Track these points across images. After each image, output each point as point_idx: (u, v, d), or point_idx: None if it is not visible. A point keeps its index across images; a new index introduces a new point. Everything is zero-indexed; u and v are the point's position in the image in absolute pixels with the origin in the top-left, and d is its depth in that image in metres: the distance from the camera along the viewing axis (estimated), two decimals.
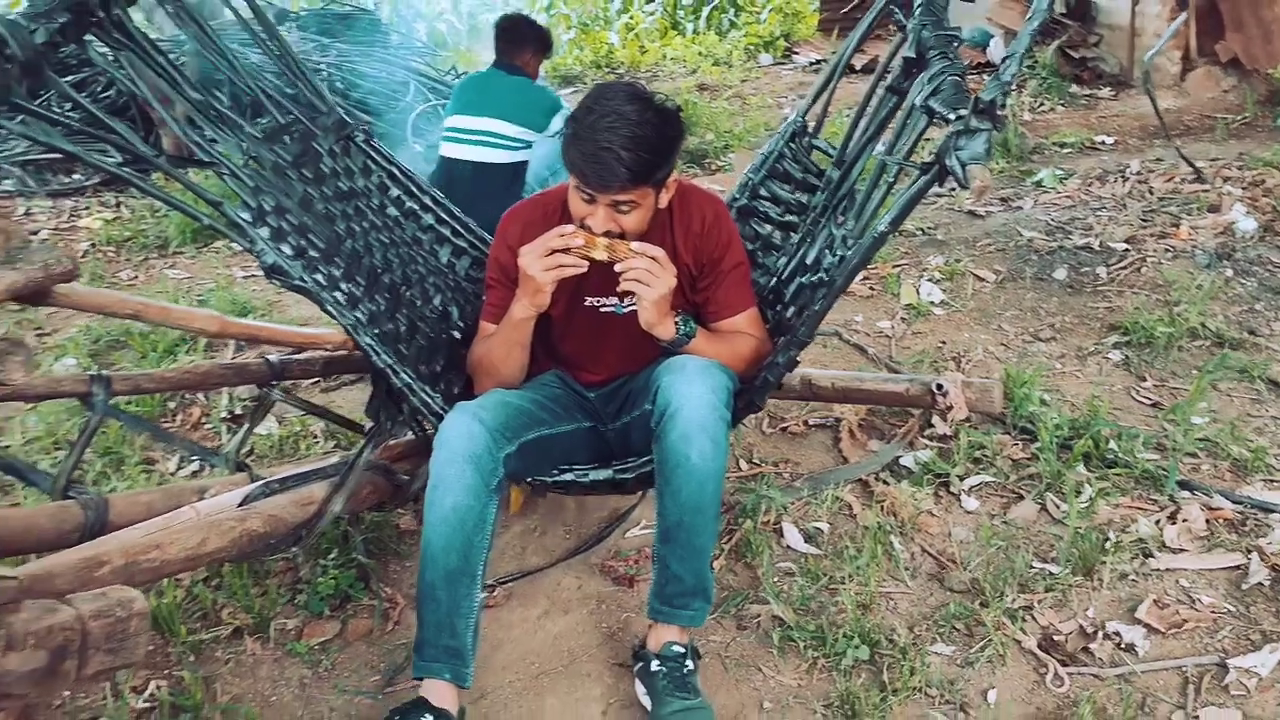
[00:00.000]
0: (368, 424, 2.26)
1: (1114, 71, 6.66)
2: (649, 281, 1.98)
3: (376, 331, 2.12)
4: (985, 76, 7.31)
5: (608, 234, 1.99)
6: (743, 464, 2.91)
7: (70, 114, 5.16)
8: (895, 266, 4.19)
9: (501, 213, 2.30)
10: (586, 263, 1.98)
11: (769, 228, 2.61)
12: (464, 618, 1.93)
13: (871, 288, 4.06)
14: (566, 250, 1.98)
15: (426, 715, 1.86)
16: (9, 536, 1.87)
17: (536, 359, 2.24)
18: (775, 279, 2.48)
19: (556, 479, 2.16)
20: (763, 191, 2.62)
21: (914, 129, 2.06)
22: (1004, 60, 1.80)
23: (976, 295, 3.88)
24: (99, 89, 6.36)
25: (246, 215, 2.02)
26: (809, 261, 2.37)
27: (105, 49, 2.10)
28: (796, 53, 9.00)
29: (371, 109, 6.65)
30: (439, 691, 1.91)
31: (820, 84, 2.58)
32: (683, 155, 6.07)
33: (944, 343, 3.56)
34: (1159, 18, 6.26)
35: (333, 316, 2.05)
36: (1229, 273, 3.72)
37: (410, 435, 2.41)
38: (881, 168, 2.21)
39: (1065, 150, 5.64)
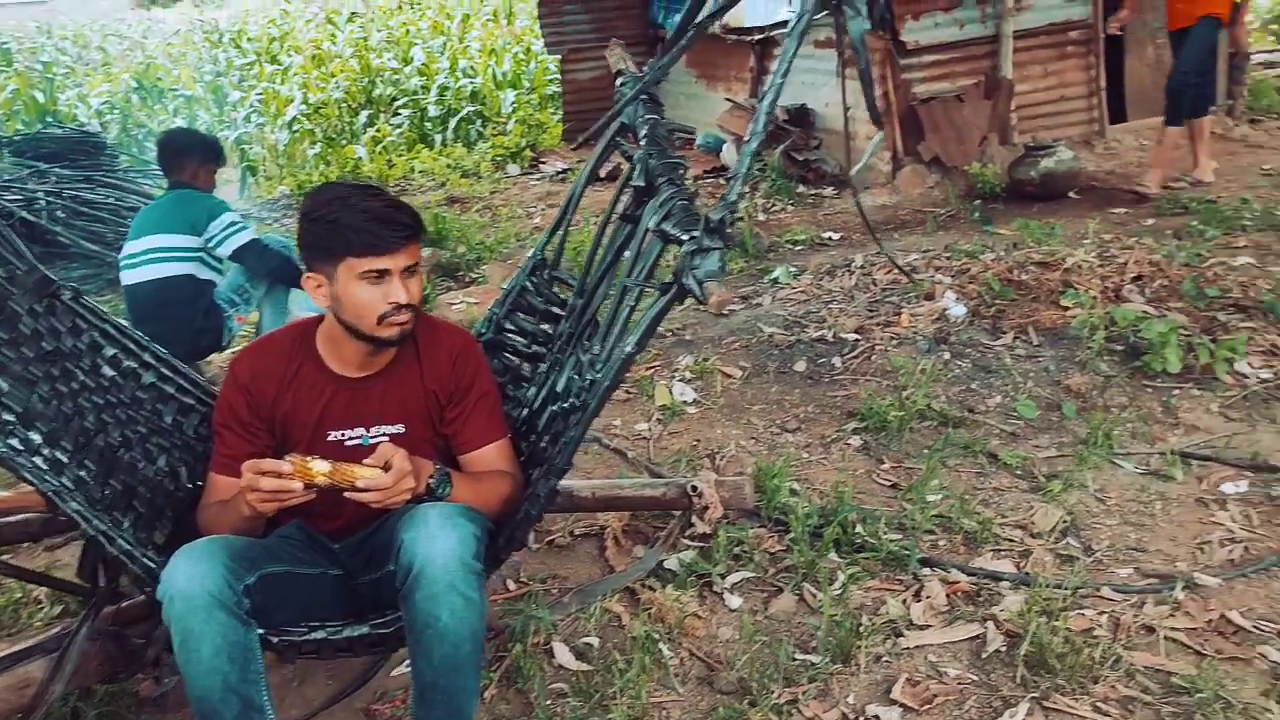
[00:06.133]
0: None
1: (834, 171, 7.20)
2: (389, 502, 1.93)
3: (85, 498, 1.96)
4: (720, 179, 7.76)
5: (331, 462, 1.90)
6: (510, 584, 2.87)
7: None
8: (649, 369, 4.31)
9: (188, 331, 2.22)
10: (312, 492, 1.90)
11: (517, 360, 2.64)
12: None
13: (628, 391, 4.15)
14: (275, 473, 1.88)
15: None
16: None
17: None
18: (527, 410, 2.50)
19: (307, 637, 1.98)
20: (508, 325, 2.65)
21: (650, 253, 2.15)
22: (729, 182, 1.92)
23: (726, 392, 4.04)
24: None
25: None
26: (559, 389, 2.39)
27: None
28: (543, 163, 9.23)
29: (98, 236, 6.29)
30: None
31: (556, 221, 2.64)
32: (436, 270, 6.10)
33: (698, 441, 3.67)
34: (868, 122, 6.84)
35: (31, 484, 1.86)
36: (946, 356, 4.05)
37: (141, 596, 2.23)
38: (623, 292, 2.28)
39: (797, 247, 6.03)
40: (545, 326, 2.62)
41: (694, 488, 2.88)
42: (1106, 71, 7.36)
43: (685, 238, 1.90)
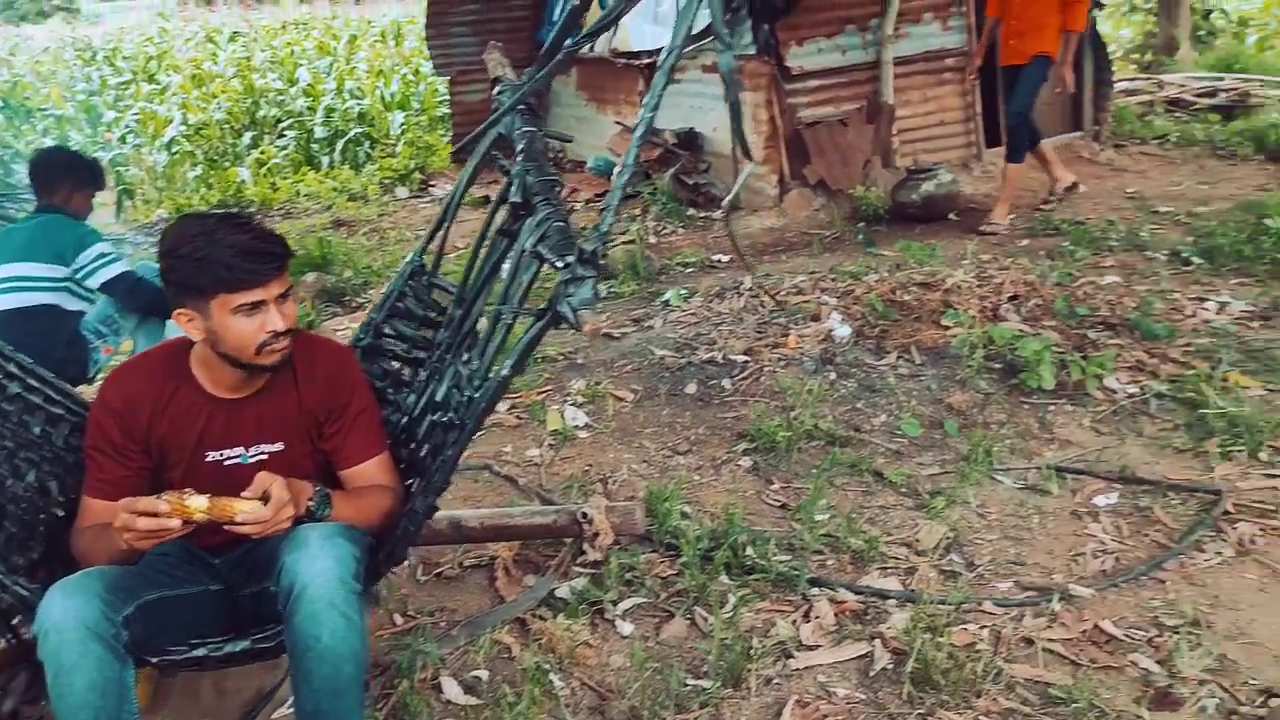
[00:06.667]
0: None
1: (723, 195, 7.28)
2: (270, 532, 1.91)
3: None
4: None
5: (210, 498, 1.88)
6: (398, 618, 2.79)
7: None
8: (540, 393, 4.28)
9: (49, 362, 2.21)
10: (190, 526, 1.87)
11: (397, 364, 2.62)
12: None
13: (519, 416, 4.10)
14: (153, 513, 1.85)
15: None
16: None
17: None
18: (407, 417, 2.48)
19: (188, 655, 1.96)
20: (387, 330, 2.62)
21: (526, 273, 2.14)
22: (602, 211, 1.93)
23: (618, 415, 4.03)
24: None
25: None
26: (438, 399, 2.38)
27: None
28: (432, 185, 9.12)
29: None
30: None
31: (435, 225, 2.62)
32: (321, 295, 5.96)
33: (590, 466, 3.65)
34: (755, 147, 6.95)
35: None
36: (833, 376, 4.11)
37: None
38: (499, 314, 2.27)
39: (688, 270, 6.07)
40: (425, 332, 2.61)
41: (584, 514, 2.86)
42: (982, 97, 7.62)
43: (560, 265, 1.90)
